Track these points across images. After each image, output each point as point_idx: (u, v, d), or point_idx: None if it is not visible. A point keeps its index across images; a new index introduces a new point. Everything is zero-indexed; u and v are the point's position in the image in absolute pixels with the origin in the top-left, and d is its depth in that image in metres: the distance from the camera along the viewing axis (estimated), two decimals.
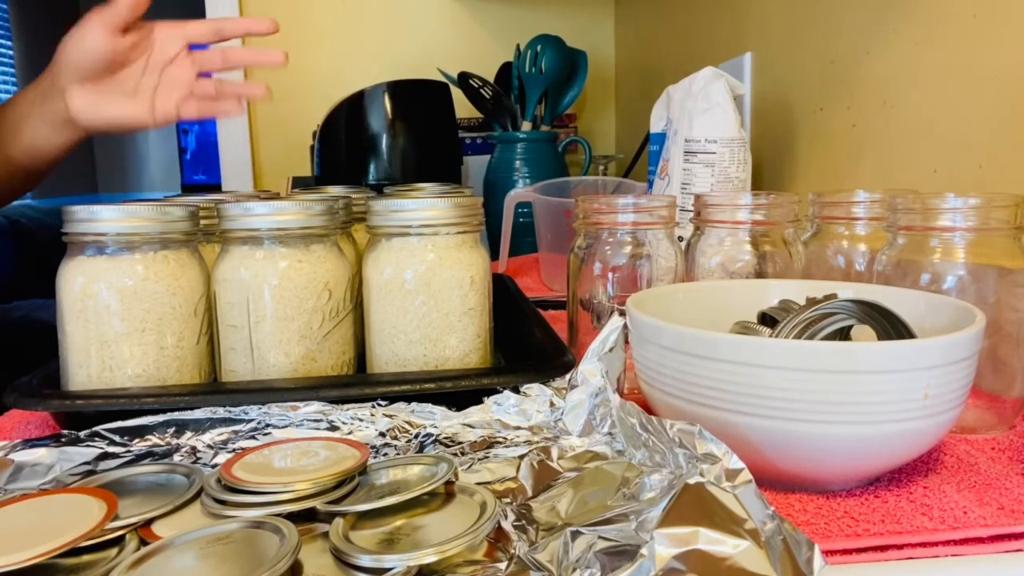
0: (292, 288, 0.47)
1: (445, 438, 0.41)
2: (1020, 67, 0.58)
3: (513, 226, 1.00)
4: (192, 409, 0.41)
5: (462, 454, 0.39)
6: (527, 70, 1.34)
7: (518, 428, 0.41)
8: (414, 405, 0.43)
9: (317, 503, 0.32)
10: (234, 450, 0.39)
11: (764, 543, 0.26)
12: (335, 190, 0.69)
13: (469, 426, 0.42)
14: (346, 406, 0.42)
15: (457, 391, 0.45)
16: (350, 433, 0.41)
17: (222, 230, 0.48)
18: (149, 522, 0.31)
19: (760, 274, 0.54)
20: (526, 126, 1.34)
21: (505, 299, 0.67)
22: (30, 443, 0.38)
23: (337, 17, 1.66)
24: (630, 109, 1.66)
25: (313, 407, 0.42)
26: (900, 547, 0.32)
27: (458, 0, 1.68)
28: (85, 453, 0.38)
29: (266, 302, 0.47)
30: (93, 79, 0.71)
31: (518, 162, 1.27)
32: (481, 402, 0.43)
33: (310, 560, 0.29)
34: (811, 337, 0.40)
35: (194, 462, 0.39)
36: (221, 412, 0.41)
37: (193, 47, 0.76)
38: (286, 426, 0.41)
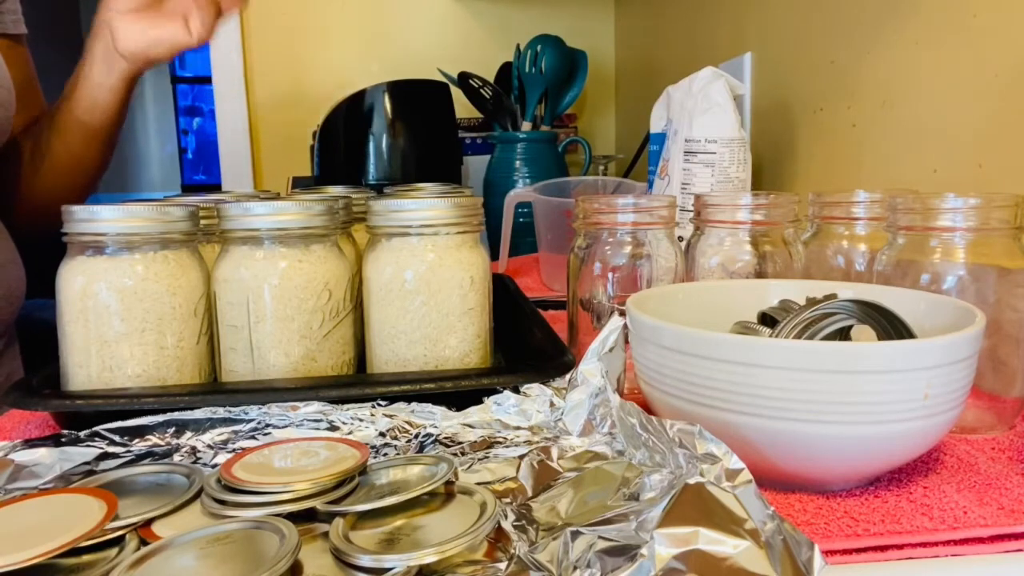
0: (292, 288, 0.47)
1: (445, 438, 0.41)
2: (1020, 67, 0.58)
3: (513, 226, 1.00)
4: (192, 409, 0.41)
5: (462, 454, 0.39)
6: (527, 70, 1.34)
7: (518, 428, 0.41)
8: (414, 405, 0.43)
9: (317, 503, 0.32)
10: (234, 450, 0.39)
11: (764, 543, 0.26)
12: (335, 190, 0.69)
13: (469, 426, 0.42)
14: (346, 406, 0.42)
15: (457, 391, 0.44)
16: (350, 433, 0.41)
17: (222, 230, 0.48)
18: (149, 522, 0.31)
19: (760, 274, 0.54)
20: (526, 126, 1.34)
21: (505, 299, 0.67)
22: (30, 443, 0.38)
23: (337, 17, 1.66)
24: (630, 109, 1.66)
25: (313, 407, 0.42)
26: (900, 547, 0.32)
27: (458, 0, 1.68)
28: (85, 453, 0.38)
29: (266, 302, 0.47)
30: (134, 10, 0.79)
31: (518, 162, 1.27)
32: (481, 402, 0.43)
33: (310, 560, 0.29)
34: (811, 337, 0.40)
35: (194, 462, 0.39)
36: (221, 412, 0.41)
37: None
38: (286, 426, 0.41)
